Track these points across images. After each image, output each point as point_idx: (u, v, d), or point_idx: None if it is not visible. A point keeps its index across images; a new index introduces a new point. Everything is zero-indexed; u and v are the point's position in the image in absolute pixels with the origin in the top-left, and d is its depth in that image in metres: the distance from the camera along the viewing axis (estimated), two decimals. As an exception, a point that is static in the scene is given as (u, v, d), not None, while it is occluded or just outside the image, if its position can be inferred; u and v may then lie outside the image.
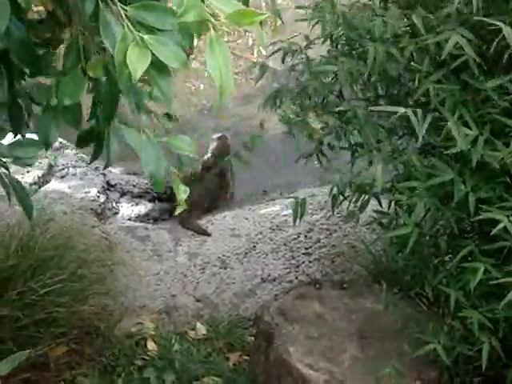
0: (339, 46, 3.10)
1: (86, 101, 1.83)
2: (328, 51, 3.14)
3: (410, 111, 2.69)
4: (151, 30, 1.54)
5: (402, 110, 2.70)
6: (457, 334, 2.84)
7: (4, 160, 2.05)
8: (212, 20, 1.48)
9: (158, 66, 1.53)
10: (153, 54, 1.50)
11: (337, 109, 2.99)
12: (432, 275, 2.92)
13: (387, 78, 3.00)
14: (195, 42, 1.62)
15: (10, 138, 2.03)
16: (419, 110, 2.69)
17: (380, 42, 2.85)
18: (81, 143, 1.93)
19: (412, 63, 2.80)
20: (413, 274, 3.15)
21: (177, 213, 1.98)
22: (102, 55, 1.66)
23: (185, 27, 1.54)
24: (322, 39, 3.11)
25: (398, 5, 2.93)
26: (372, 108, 2.91)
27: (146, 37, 1.51)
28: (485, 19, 2.62)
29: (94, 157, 1.96)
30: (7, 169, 2.03)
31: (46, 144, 1.88)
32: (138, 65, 1.49)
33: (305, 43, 3.22)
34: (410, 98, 2.90)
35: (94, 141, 1.90)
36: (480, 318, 2.74)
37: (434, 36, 2.74)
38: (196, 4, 1.47)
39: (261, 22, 1.49)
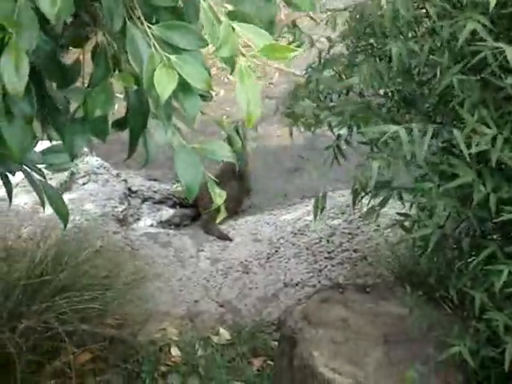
0: (356, 43, 3.08)
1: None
2: (347, 48, 3.12)
3: (401, 129, 2.66)
4: (176, 50, 1.55)
5: (392, 128, 2.67)
6: (482, 336, 2.81)
7: (39, 167, 2.03)
8: (243, 52, 1.49)
9: (183, 87, 1.54)
10: (179, 75, 1.51)
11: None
12: (456, 277, 2.90)
13: (406, 76, 2.97)
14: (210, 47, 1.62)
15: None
16: (414, 126, 2.66)
17: (400, 39, 2.82)
18: (118, 127, 1.86)
19: (432, 57, 2.77)
20: (437, 277, 3.12)
21: (218, 220, 1.92)
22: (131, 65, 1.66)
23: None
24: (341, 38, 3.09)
25: None
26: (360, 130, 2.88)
27: (172, 57, 1.52)
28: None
29: (130, 154, 1.89)
30: (43, 176, 2.01)
31: (71, 154, 1.86)
32: (165, 87, 1.50)
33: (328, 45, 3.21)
34: (430, 95, 2.87)
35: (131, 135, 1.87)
36: (505, 320, 2.71)
37: (450, 25, 2.70)
38: (230, 38, 1.49)
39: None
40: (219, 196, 1.79)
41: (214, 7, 1.52)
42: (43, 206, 2.03)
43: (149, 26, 1.56)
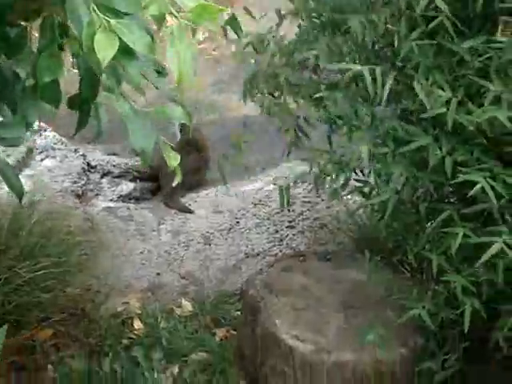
0: (310, 21, 3.06)
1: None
2: (299, 26, 3.10)
3: (365, 68, 2.67)
4: (117, 14, 1.53)
5: (357, 67, 2.68)
6: (441, 298, 2.85)
7: None
8: (174, 12, 1.49)
9: (125, 51, 1.53)
10: (120, 39, 1.50)
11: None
12: (414, 241, 2.93)
13: (365, 49, 2.97)
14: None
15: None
16: (378, 68, 2.68)
17: (359, 13, 2.82)
18: (72, 105, 1.84)
19: (389, 26, 2.78)
20: (395, 242, 3.15)
21: (174, 184, 1.89)
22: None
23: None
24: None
25: None
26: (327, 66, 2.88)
27: (112, 21, 1.51)
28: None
29: (79, 127, 1.87)
30: None
31: (26, 124, 1.85)
32: (105, 52, 1.49)
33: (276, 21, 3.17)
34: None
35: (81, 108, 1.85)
36: (463, 281, 2.75)
37: None
38: None
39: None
40: (174, 159, 1.79)
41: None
42: None
43: None
